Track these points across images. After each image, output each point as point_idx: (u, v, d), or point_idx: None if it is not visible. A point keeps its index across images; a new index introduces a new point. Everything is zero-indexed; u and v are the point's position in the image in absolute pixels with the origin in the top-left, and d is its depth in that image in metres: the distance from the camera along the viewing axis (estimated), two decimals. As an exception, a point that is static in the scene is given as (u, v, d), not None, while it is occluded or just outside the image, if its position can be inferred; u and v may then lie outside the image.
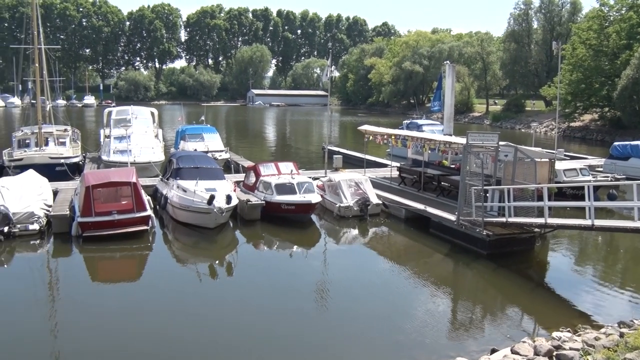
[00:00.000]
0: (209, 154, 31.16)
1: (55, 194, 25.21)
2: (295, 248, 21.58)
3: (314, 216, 24.65)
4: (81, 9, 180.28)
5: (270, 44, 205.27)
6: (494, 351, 12.28)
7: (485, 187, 20.06)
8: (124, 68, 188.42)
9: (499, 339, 13.34)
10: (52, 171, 29.08)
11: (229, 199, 21.77)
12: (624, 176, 30.10)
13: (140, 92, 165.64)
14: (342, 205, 24.64)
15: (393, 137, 29.74)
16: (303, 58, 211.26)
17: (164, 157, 32.91)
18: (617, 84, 59.46)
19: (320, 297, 16.19)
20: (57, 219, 21.59)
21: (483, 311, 15.64)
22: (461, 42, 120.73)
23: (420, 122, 45.77)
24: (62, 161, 31.01)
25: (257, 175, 25.59)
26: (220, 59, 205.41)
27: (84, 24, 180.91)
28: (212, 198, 21.12)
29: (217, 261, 19.66)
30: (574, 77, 66.19)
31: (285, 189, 23.95)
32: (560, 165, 27.62)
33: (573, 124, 71.77)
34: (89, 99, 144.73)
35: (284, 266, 19.53)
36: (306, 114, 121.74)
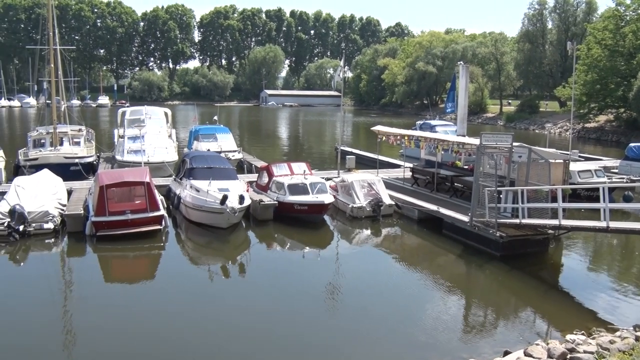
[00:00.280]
0: (222, 154, 31.22)
1: (70, 193, 25.39)
2: (308, 248, 21.58)
3: (326, 217, 24.62)
4: (96, 9, 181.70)
5: (284, 44, 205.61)
6: (506, 353, 12.20)
7: (498, 188, 19.95)
8: (137, 68, 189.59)
9: (512, 341, 13.25)
10: (67, 171, 29.30)
11: (241, 199, 21.81)
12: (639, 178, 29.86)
13: (154, 93, 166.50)
14: (354, 205, 24.61)
15: (406, 138, 29.66)
16: (316, 58, 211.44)
17: (178, 157, 33.01)
18: (633, 84, 58.99)
19: (332, 298, 16.18)
20: (72, 218, 21.73)
21: (496, 313, 15.54)
22: (475, 42, 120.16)
23: (433, 122, 45.55)
24: (76, 161, 31.23)
25: (270, 175, 25.61)
26: (234, 59, 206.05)
27: (98, 24, 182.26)
28: (224, 198, 21.17)
29: (229, 261, 19.70)
30: (589, 77, 65.70)
31: (298, 189, 23.96)
32: (574, 167, 27.41)
33: (588, 125, 71.26)
34: (103, 99, 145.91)
35: (296, 267, 19.53)
36: (319, 115, 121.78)
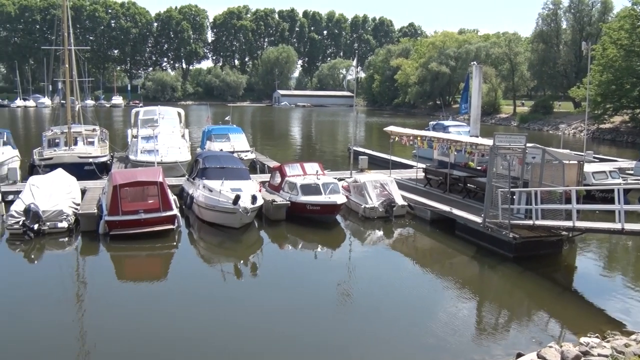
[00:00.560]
0: (235, 154, 31.27)
1: (84, 192, 25.55)
2: (320, 249, 21.57)
3: (339, 217, 24.62)
4: (110, 10, 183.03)
5: (297, 44, 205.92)
6: (519, 355, 12.13)
7: (512, 190, 19.85)
8: (151, 69, 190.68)
9: (524, 343, 13.17)
10: (81, 170, 29.49)
11: (254, 199, 21.85)
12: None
13: (167, 93, 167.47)
14: (367, 206, 24.58)
15: (419, 138, 29.58)
16: (329, 59, 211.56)
17: (191, 157, 33.14)
18: (649, 85, 58.49)
19: (344, 299, 16.17)
20: (85, 217, 21.88)
21: (509, 315, 15.45)
22: (488, 42, 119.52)
23: (446, 123, 45.41)
24: (90, 160, 31.43)
25: (283, 175, 25.64)
26: (247, 59, 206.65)
27: (112, 25, 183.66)
28: (237, 198, 21.21)
29: (241, 261, 19.74)
30: (604, 77, 65.14)
31: (311, 189, 23.96)
32: (589, 168, 27.19)
33: (603, 126, 70.71)
34: (117, 99, 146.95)
35: (308, 267, 19.52)
36: (332, 115, 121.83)
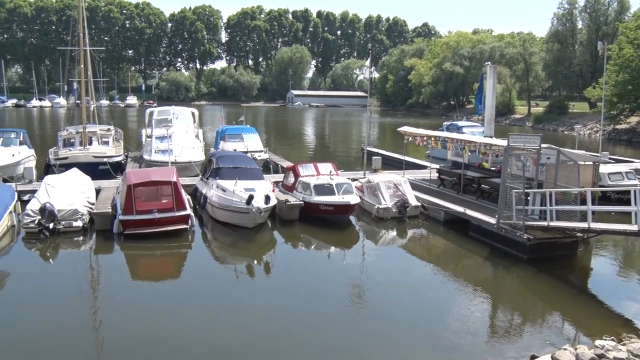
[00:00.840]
0: (249, 154, 31.32)
1: (98, 192, 25.70)
2: (333, 249, 21.56)
3: (352, 217, 24.58)
4: (125, 11, 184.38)
5: (310, 44, 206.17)
6: (533, 357, 12.05)
7: (526, 190, 19.72)
8: (165, 69, 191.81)
9: (538, 345, 13.08)
10: (96, 170, 29.68)
11: (267, 199, 21.87)
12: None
13: (181, 93, 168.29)
14: (380, 206, 24.53)
15: (433, 139, 29.48)
16: (343, 59, 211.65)
17: (204, 157, 33.23)
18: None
19: (357, 299, 16.15)
20: (100, 216, 22.01)
21: (522, 316, 15.35)
22: (503, 42, 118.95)
23: (460, 123, 45.22)
24: (105, 160, 31.60)
25: (296, 175, 25.65)
26: (260, 59, 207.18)
27: (127, 25, 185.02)
28: (250, 198, 21.25)
29: (255, 261, 19.78)
30: (620, 77, 64.58)
31: (324, 189, 23.95)
32: (604, 169, 26.95)
33: (619, 126, 70.11)
34: (131, 99, 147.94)
35: (321, 267, 19.51)
36: (345, 115, 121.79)
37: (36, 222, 20.86)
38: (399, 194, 25.16)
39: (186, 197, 23.28)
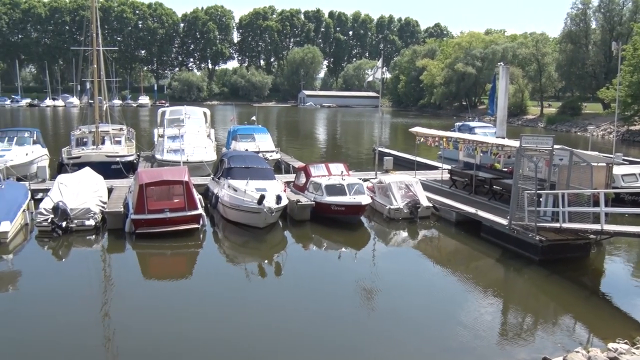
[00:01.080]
0: (260, 154, 31.40)
1: (110, 191, 25.84)
2: (344, 249, 21.55)
3: (363, 218, 24.55)
4: (137, 11, 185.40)
5: (322, 45, 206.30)
6: (545, 360, 11.99)
7: (538, 192, 19.61)
8: (177, 69, 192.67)
9: (550, 348, 12.99)
10: (108, 169, 29.81)
11: (278, 199, 21.89)
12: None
13: (193, 93, 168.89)
14: (392, 207, 24.49)
15: (444, 140, 29.41)
16: (354, 59, 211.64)
17: (216, 157, 33.32)
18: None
19: (368, 300, 16.12)
20: (112, 215, 22.13)
21: (534, 319, 15.26)
22: (515, 43, 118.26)
23: (472, 124, 45.07)
24: (117, 159, 31.73)
25: (308, 175, 25.66)
26: (272, 60, 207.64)
27: (139, 26, 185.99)
28: (262, 198, 21.27)
29: (266, 261, 19.79)
30: (635, 78, 64.07)
31: (336, 190, 23.94)
32: (618, 170, 26.73)
33: (632, 128, 69.56)
34: (144, 99, 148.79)
35: (332, 267, 19.49)
36: (357, 115, 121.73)
37: (49, 220, 21.01)
38: (410, 194, 25.10)
39: (198, 196, 23.35)
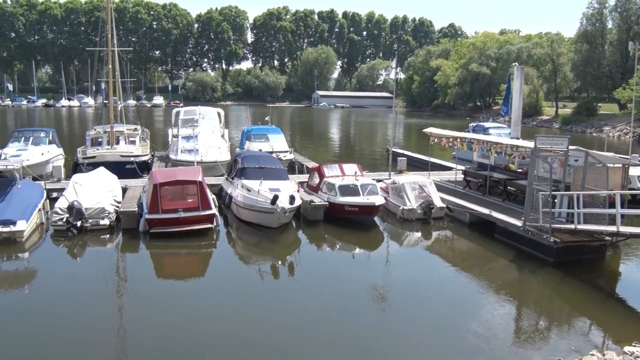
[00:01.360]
0: (274, 155, 31.43)
1: (125, 190, 25.98)
2: (358, 250, 21.52)
3: (377, 218, 24.51)
4: (152, 12, 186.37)
5: (336, 45, 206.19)
6: (560, 363, 11.90)
7: (553, 193, 19.47)
8: (191, 69, 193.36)
9: (565, 350, 12.89)
10: (122, 169, 29.99)
11: (292, 199, 21.90)
12: None
13: (207, 93, 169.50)
14: (405, 208, 24.43)
15: (459, 140, 29.29)
16: (368, 60, 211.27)
17: (230, 157, 33.41)
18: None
19: (381, 301, 16.10)
20: (126, 215, 22.26)
21: (548, 321, 15.16)
22: (530, 43, 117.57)
23: (486, 125, 44.81)
24: (131, 159, 31.91)
25: (321, 176, 25.66)
26: (286, 60, 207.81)
27: (154, 26, 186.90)
28: (275, 198, 21.30)
29: (279, 261, 19.81)
30: (652, 78, 63.44)
31: (349, 190, 23.91)
32: (634, 171, 26.47)
33: (649, 128, 68.88)
34: (158, 99, 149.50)
35: (345, 268, 19.47)
36: (371, 116, 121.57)
37: (64, 220, 21.16)
38: (424, 195, 25.03)
39: (211, 196, 23.41)
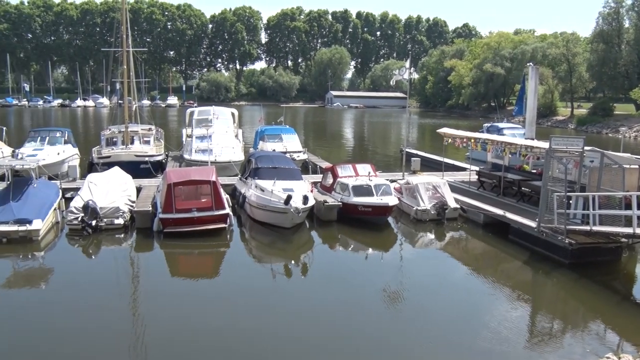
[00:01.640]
0: (287, 155, 31.49)
1: (139, 190, 26.12)
2: (371, 250, 21.50)
3: (390, 219, 24.46)
4: (166, 13, 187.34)
5: (350, 45, 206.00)
6: (575, 365, 11.81)
7: (568, 194, 19.32)
8: (205, 69, 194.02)
9: (579, 353, 12.80)
10: (137, 168, 30.17)
11: (305, 199, 21.91)
12: None
13: (221, 93, 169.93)
14: (419, 208, 24.36)
15: (473, 141, 29.17)
16: (382, 60, 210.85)
17: (244, 157, 33.50)
18: None
19: (394, 301, 16.07)
20: (140, 214, 22.39)
21: (563, 323, 15.05)
22: (545, 43, 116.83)
23: (501, 125, 44.55)
24: (146, 159, 32.08)
25: (335, 176, 25.65)
26: (300, 60, 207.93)
27: (168, 27, 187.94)
28: (289, 198, 21.33)
29: (292, 261, 19.83)
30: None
31: (363, 190, 23.88)
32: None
33: (666, 129, 68.31)
34: (172, 100, 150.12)
35: (358, 268, 19.46)
36: (384, 116, 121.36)
37: (79, 219, 21.34)
38: (437, 195, 24.95)
39: (225, 196, 23.47)
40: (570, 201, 19.89)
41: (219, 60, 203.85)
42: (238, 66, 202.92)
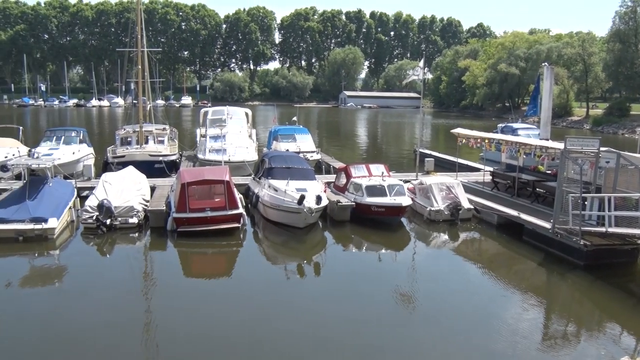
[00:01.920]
0: (301, 155, 31.47)
1: (153, 189, 26.24)
2: (384, 251, 21.46)
3: (404, 219, 24.40)
4: (181, 13, 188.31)
5: (363, 45, 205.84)
6: (590, 367, 11.72)
7: (583, 195, 19.17)
8: (219, 69, 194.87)
9: (594, 356, 12.72)
10: (151, 168, 30.28)
11: (319, 199, 21.92)
12: None
13: (235, 93, 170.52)
14: (432, 209, 24.29)
15: (487, 141, 29.03)
16: (396, 60, 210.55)
17: (257, 157, 33.55)
18: None
19: (407, 302, 16.03)
20: (154, 213, 22.50)
21: (577, 325, 14.94)
22: (560, 42, 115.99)
23: (515, 125, 44.29)
24: (160, 159, 32.19)
25: (348, 176, 25.63)
26: (313, 60, 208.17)
27: (183, 27, 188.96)
28: (302, 198, 21.33)
29: (305, 261, 19.84)
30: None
31: (376, 191, 23.85)
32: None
33: (683, 130, 67.50)
34: (186, 100, 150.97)
35: (372, 268, 19.42)
36: (398, 116, 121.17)
37: (94, 218, 21.51)
38: (451, 196, 24.85)
39: (238, 196, 23.54)
40: (586, 202, 19.74)
41: (233, 60, 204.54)
42: (252, 66, 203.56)
